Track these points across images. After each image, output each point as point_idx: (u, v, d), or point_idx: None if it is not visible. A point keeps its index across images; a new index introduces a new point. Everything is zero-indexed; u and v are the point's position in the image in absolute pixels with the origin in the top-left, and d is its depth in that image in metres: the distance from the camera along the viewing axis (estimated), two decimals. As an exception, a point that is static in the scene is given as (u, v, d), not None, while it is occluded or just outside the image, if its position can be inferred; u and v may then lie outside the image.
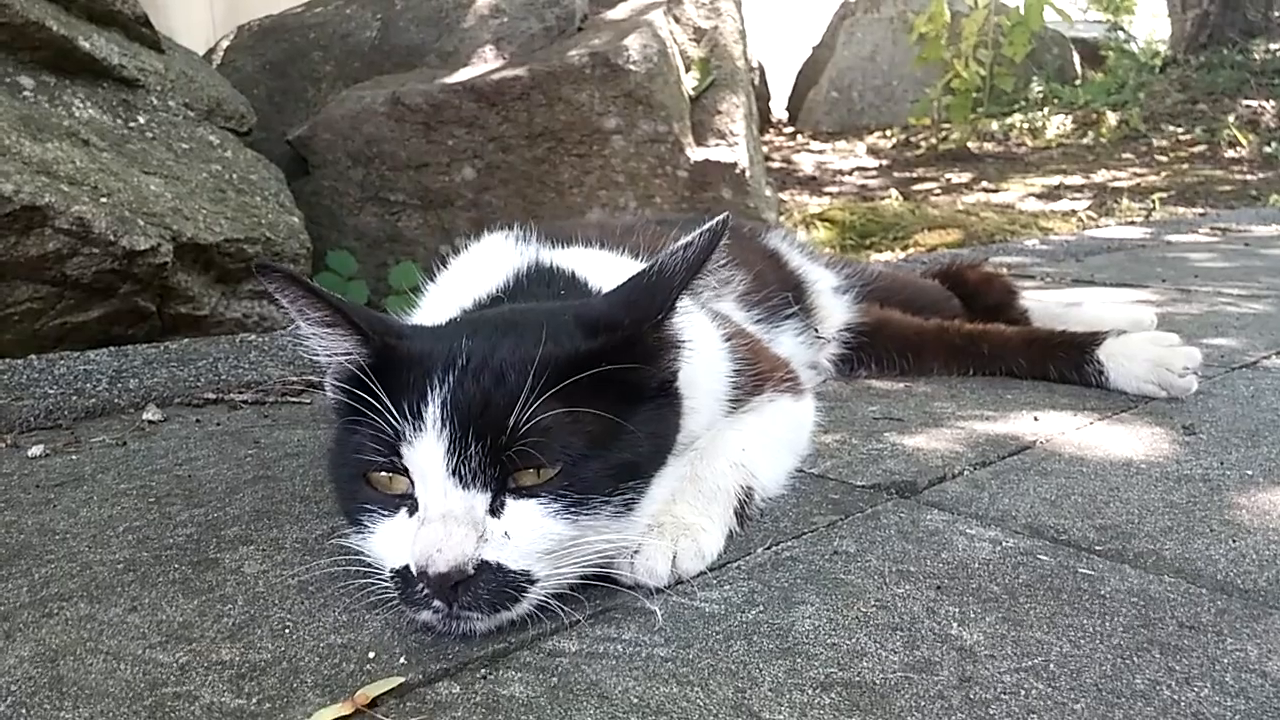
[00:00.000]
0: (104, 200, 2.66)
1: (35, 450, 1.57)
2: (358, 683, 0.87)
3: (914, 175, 7.38)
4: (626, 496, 1.00)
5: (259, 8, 4.89)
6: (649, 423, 1.04)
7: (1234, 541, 1.15)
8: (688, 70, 4.20)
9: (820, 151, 8.75)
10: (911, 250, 4.86)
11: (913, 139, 8.79)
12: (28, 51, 2.93)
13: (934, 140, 8.47)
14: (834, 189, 6.89)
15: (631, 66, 3.82)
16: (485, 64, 4.06)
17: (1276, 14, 9.36)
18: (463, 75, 3.94)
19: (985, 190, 6.65)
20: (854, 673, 0.88)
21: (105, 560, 1.14)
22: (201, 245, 2.90)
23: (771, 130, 10.11)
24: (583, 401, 0.95)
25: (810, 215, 5.62)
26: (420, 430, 0.92)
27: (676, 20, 4.26)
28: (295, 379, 1.93)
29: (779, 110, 11.01)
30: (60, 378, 1.88)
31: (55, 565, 1.13)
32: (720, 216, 1.04)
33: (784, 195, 6.31)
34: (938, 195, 6.53)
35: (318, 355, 1.03)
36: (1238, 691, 0.85)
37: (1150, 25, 12.98)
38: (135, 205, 2.75)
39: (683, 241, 1.02)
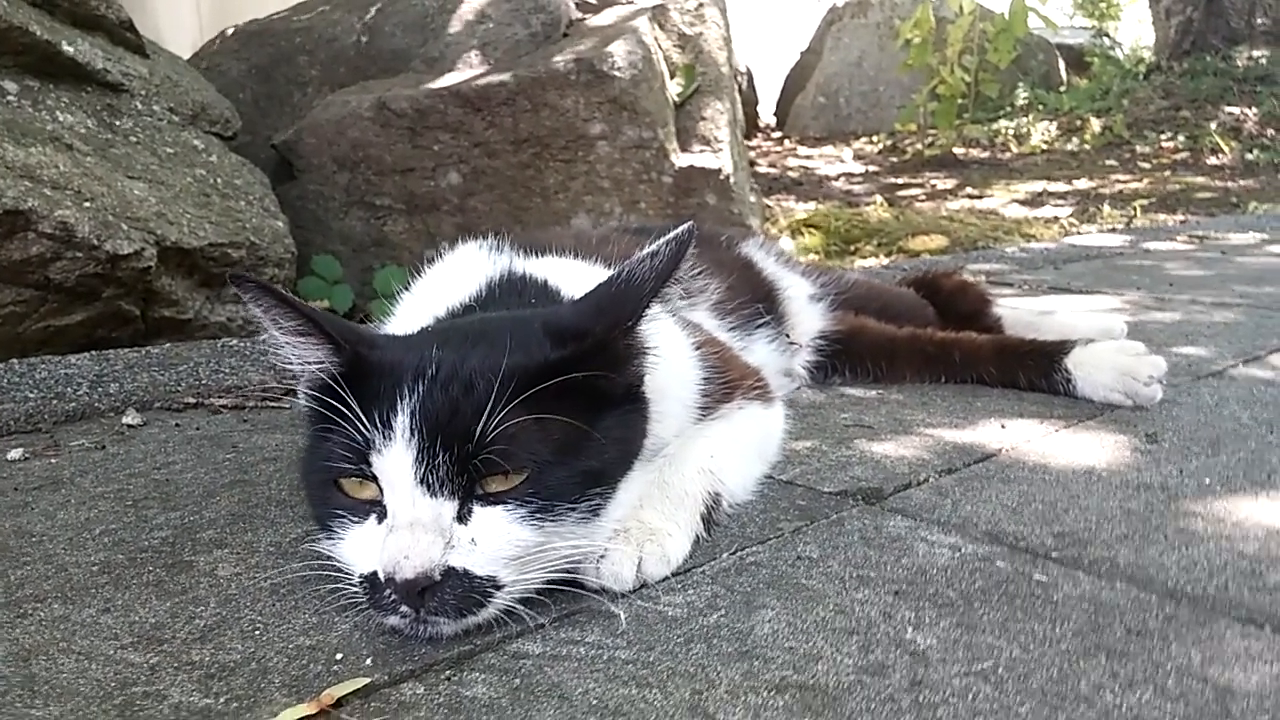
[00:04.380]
0: (87, 205, 2.67)
1: (14, 453, 1.58)
2: (324, 683, 0.89)
3: (899, 181, 7.43)
4: (593, 502, 1.02)
5: (246, 11, 4.90)
6: (616, 429, 1.06)
7: (1186, 549, 1.18)
8: (672, 77, 4.23)
9: (807, 157, 8.79)
10: (895, 256, 4.90)
11: (899, 144, 8.85)
12: (11, 56, 2.94)
13: (920, 146, 8.53)
14: (820, 194, 6.93)
15: (616, 73, 3.84)
16: (471, 69, 4.08)
17: (1259, 21, 9.45)
18: (448, 81, 3.96)
19: (970, 196, 6.70)
20: (808, 675, 0.91)
21: (81, 562, 1.16)
22: (185, 249, 2.92)
23: (759, 135, 10.16)
24: (550, 409, 0.98)
25: (796, 221, 5.65)
26: (389, 439, 0.94)
27: (661, 27, 4.29)
28: (275, 383, 1.95)
29: (767, 115, 11.06)
30: (41, 381, 1.89)
31: (31, 567, 1.15)
32: (685, 225, 1.07)
33: (770, 200, 6.34)
34: (922, 201, 6.58)
35: (291, 364, 1.06)
36: (1178, 696, 0.87)
37: (1136, 31, 13.10)
38: (119, 210, 2.76)
39: (649, 250, 1.05)
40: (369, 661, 0.93)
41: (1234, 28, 9.39)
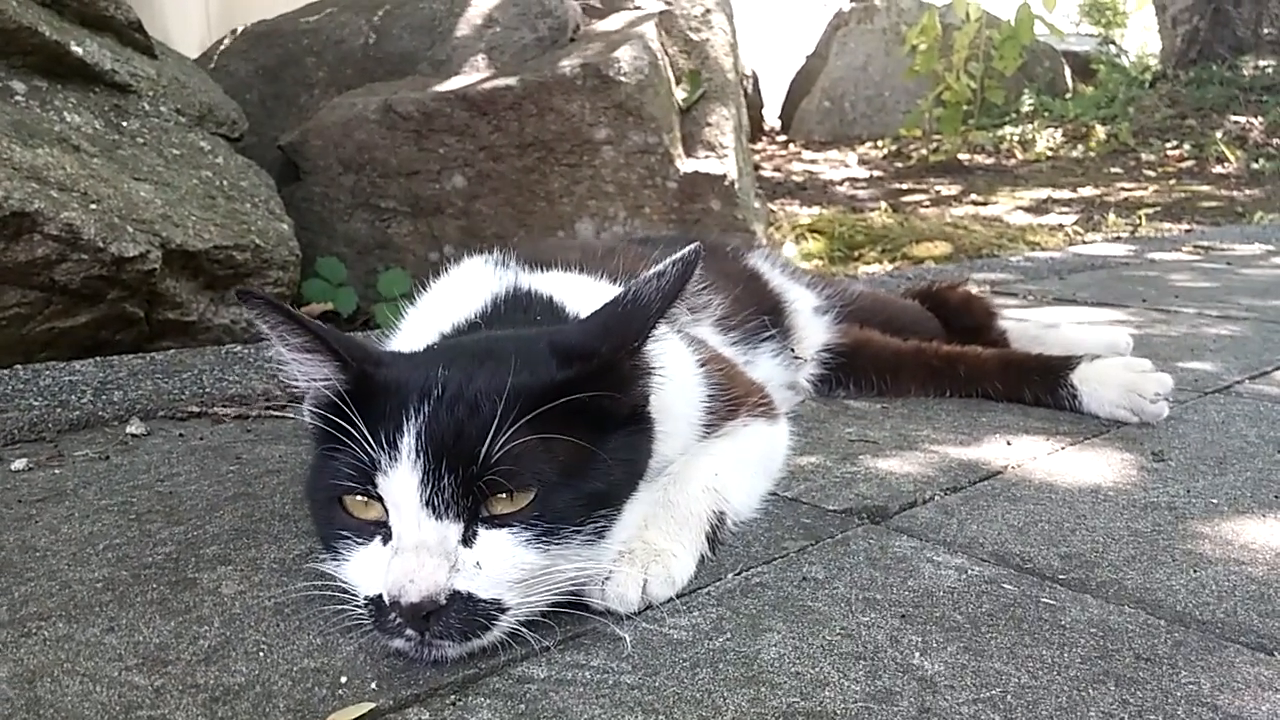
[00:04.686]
0: (93, 207, 2.66)
1: (18, 464, 1.58)
2: (329, 708, 0.88)
3: (904, 186, 7.42)
4: (598, 524, 1.02)
5: (255, 12, 4.90)
6: (621, 450, 1.06)
7: (1194, 571, 1.17)
8: (678, 82, 4.22)
9: (812, 161, 8.78)
10: (899, 263, 4.89)
11: (904, 150, 8.83)
12: (20, 56, 2.93)
13: (925, 152, 8.52)
14: (825, 199, 6.92)
15: (622, 78, 3.84)
16: (477, 73, 4.08)
17: (1266, 31, 9.43)
18: (455, 84, 3.96)
19: (974, 203, 6.69)
20: (815, 702, 0.90)
21: (85, 579, 1.15)
22: (190, 252, 2.91)
23: (764, 139, 10.15)
24: (555, 429, 0.97)
25: (800, 226, 5.64)
26: (395, 461, 0.94)
27: (668, 32, 4.29)
28: (279, 392, 1.95)
29: (772, 119, 11.05)
30: (45, 389, 1.89)
31: (35, 584, 1.14)
32: (693, 245, 1.07)
33: (775, 205, 6.34)
34: (927, 207, 6.57)
35: (297, 380, 1.05)
36: (1187, 725, 0.87)
37: (1142, 39, 13.07)
38: (125, 212, 2.76)
39: (656, 270, 1.04)
40: (374, 685, 0.92)
41: (1240, 37, 9.37)
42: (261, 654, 0.98)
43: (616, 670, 0.95)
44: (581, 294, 1.29)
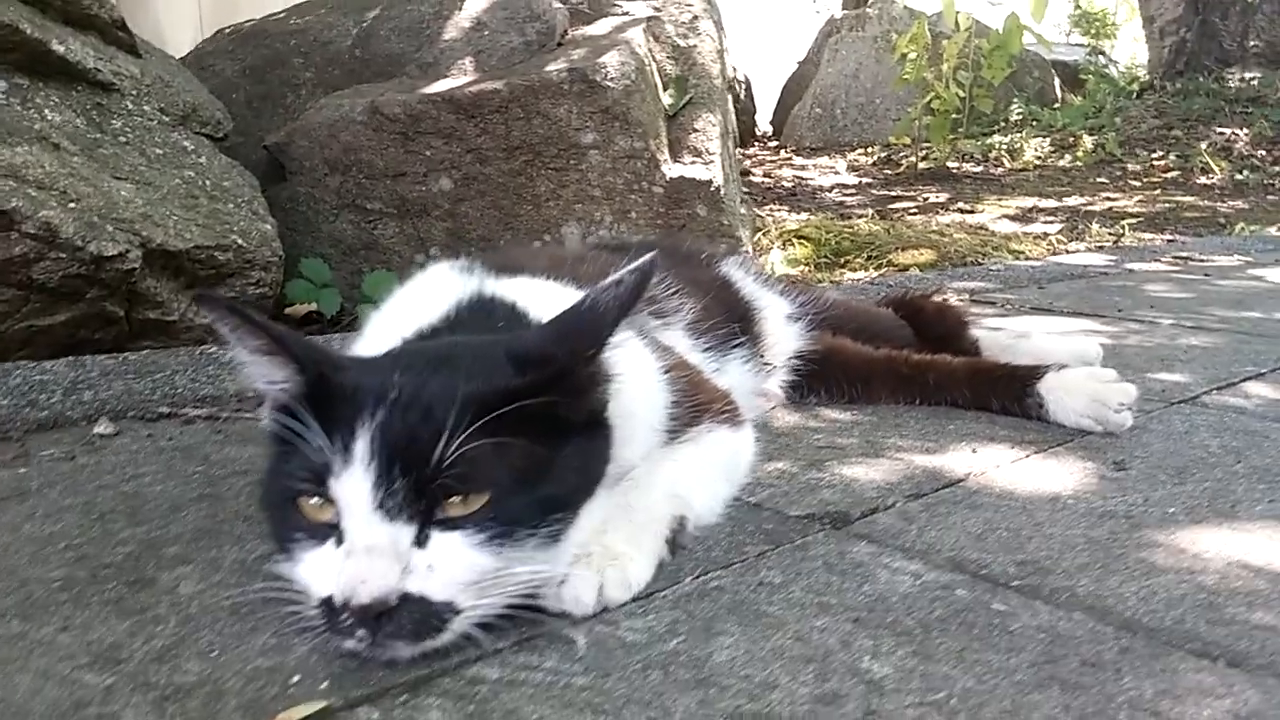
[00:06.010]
0: (73, 205, 2.66)
1: (-17, 462, 1.58)
2: (280, 707, 0.89)
3: (892, 194, 7.45)
4: (553, 528, 1.03)
5: (246, 12, 4.90)
6: (578, 455, 1.07)
7: (1146, 579, 1.19)
8: (665, 88, 4.24)
9: (802, 167, 8.82)
10: (885, 270, 4.92)
11: (893, 157, 8.87)
12: (0, 54, 2.93)
13: (914, 159, 8.56)
14: (814, 205, 6.95)
15: (609, 83, 3.85)
16: (465, 76, 4.09)
17: (1252, 43, 9.51)
18: (442, 86, 3.97)
19: (961, 211, 6.72)
20: (763, 704, 0.91)
21: (42, 578, 1.16)
22: (171, 252, 2.91)
23: (756, 144, 10.18)
24: (510, 434, 0.98)
25: (788, 232, 5.66)
26: (348, 464, 0.95)
27: (655, 38, 4.30)
28: (250, 394, 1.95)
29: (764, 124, 11.09)
30: (14, 388, 1.89)
31: (-8, 582, 1.15)
32: (649, 255, 1.08)
33: (764, 210, 6.36)
34: (914, 214, 6.60)
35: (257, 383, 1.06)
36: (1126, 730, 0.88)
37: (1131, 50, 13.17)
38: (105, 210, 2.76)
39: (613, 278, 1.06)
40: (325, 685, 0.93)
41: (1227, 49, 9.45)
42: (215, 653, 0.98)
43: (568, 672, 0.96)
44: (546, 300, 1.30)
